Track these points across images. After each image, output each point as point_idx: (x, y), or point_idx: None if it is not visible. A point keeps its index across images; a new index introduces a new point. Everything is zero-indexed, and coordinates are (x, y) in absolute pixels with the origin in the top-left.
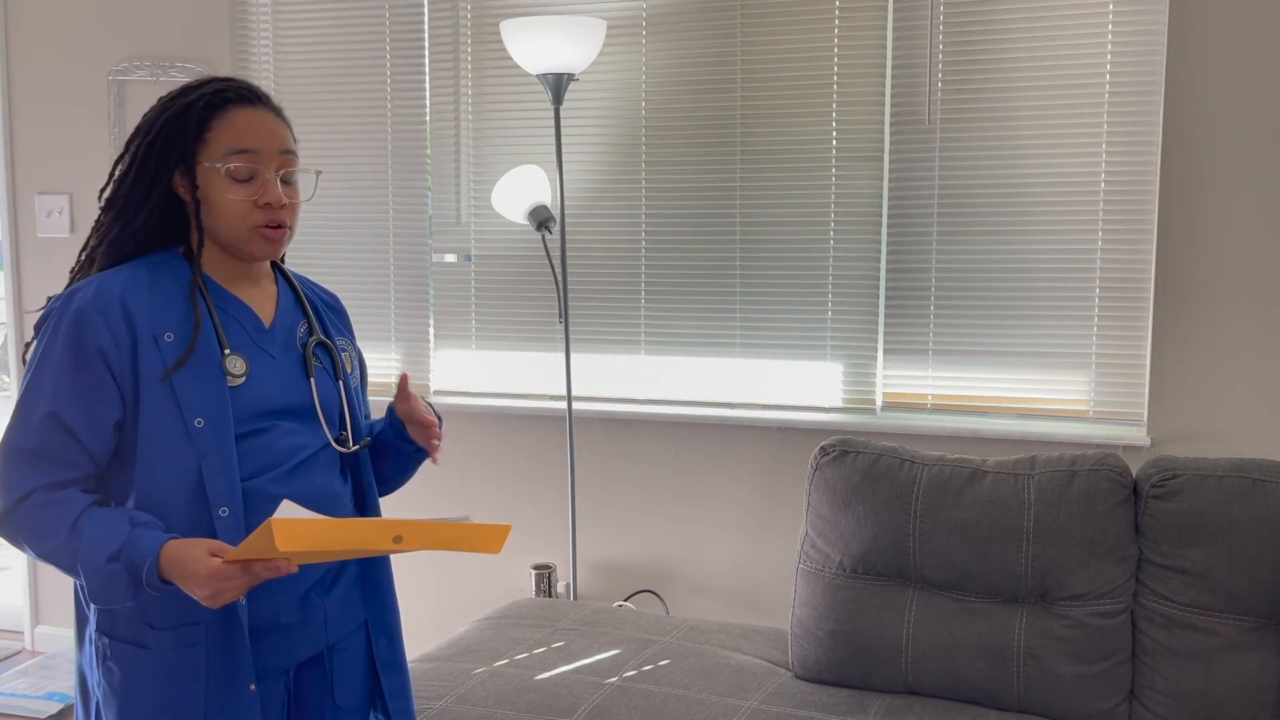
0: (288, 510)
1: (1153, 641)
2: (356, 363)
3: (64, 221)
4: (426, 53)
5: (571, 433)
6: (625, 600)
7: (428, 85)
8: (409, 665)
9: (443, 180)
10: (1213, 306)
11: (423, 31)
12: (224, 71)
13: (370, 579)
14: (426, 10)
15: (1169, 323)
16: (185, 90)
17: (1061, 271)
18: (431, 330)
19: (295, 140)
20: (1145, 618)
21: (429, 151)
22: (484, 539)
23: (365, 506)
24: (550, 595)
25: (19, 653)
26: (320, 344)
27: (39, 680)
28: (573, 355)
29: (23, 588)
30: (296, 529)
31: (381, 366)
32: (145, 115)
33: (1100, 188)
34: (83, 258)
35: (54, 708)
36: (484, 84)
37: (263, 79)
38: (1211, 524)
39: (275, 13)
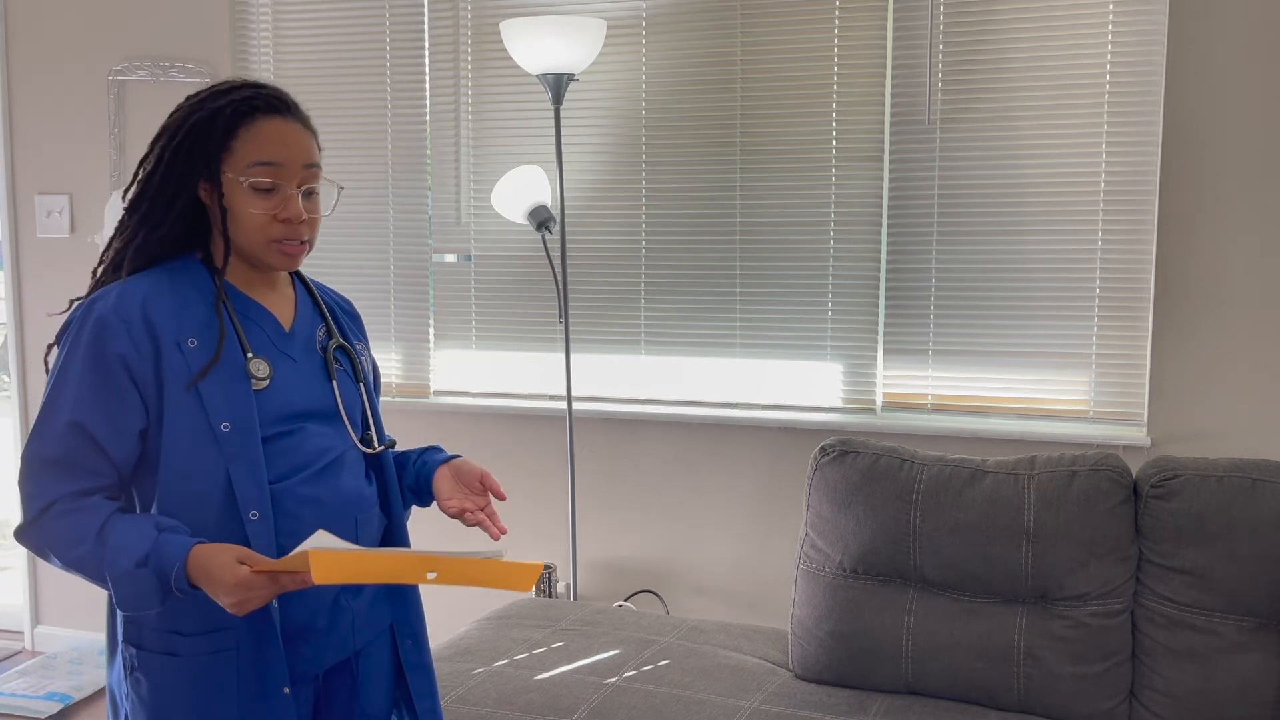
0: (323, 540)
1: (1153, 641)
2: (371, 369)
3: (64, 221)
4: (426, 53)
5: (571, 433)
6: (625, 600)
7: (428, 85)
8: None
9: (443, 180)
10: (1213, 306)
11: (423, 31)
12: (224, 72)
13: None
14: (426, 10)
15: (1169, 323)
16: (215, 94)
17: (1061, 271)
18: (431, 330)
19: (320, 150)
20: (1145, 618)
21: (429, 151)
22: (515, 577)
23: (389, 507)
24: (550, 595)
25: (19, 653)
26: (340, 347)
27: (39, 680)
28: (573, 355)
29: (23, 588)
30: (333, 561)
31: (382, 367)
32: (172, 115)
33: (1100, 188)
34: (107, 260)
35: (54, 708)
36: (484, 84)
37: (262, 79)
38: (1211, 524)
39: (275, 13)
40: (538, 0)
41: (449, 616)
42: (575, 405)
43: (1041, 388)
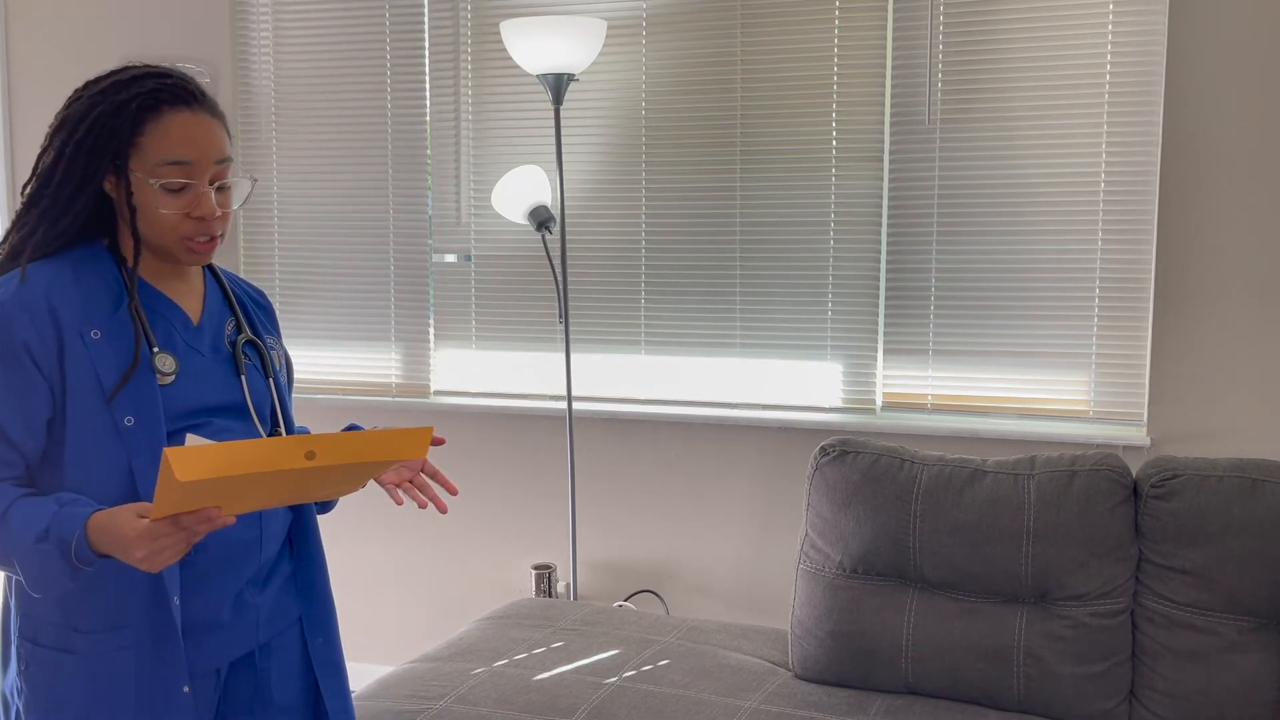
0: (192, 443)
1: (1153, 641)
2: (283, 362)
3: None
4: (426, 53)
5: (571, 433)
6: (625, 600)
7: (428, 85)
8: (408, 666)
9: (443, 180)
10: (1213, 306)
11: (423, 31)
12: (224, 72)
13: (304, 576)
14: (426, 10)
15: (1169, 323)
16: (117, 85)
17: (1061, 271)
18: (431, 330)
19: (231, 138)
20: (1145, 618)
21: (429, 151)
22: (405, 444)
23: (300, 506)
24: (550, 595)
25: None
26: (249, 342)
27: None
28: (573, 355)
29: None
30: (193, 456)
31: (381, 366)
32: (73, 106)
33: (1100, 188)
34: (3, 254)
35: None
36: (484, 84)
37: (263, 79)
38: (1211, 524)
39: (275, 13)
40: (538, 0)
41: (448, 616)
42: (575, 405)
43: (1041, 388)
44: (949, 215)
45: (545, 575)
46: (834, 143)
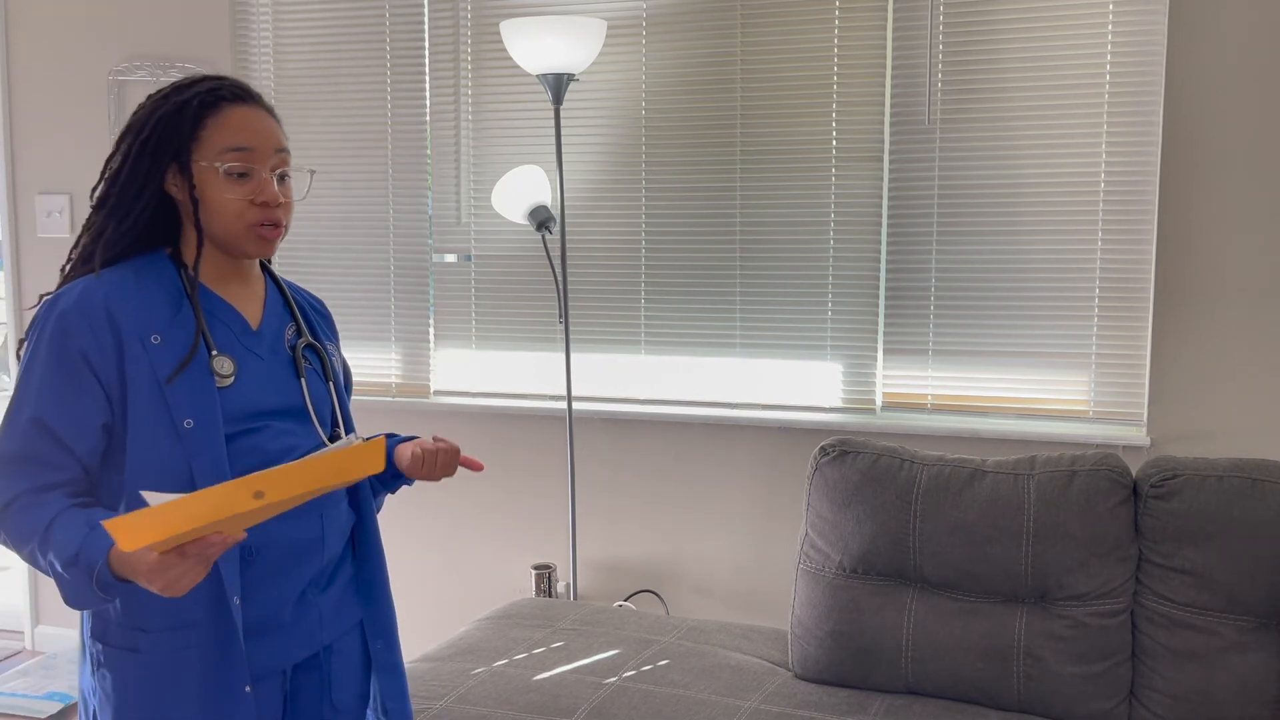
0: (151, 501)
1: (1153, 641)
2: (342, 368)
3: (64, 221)
4: (426, 53)
5: (571, 433)
6: (625, 600)
7: (428, 85)
8: (408, 665)
9: (443, 180)
10: (1212, 306)
11: (423, 31)
12: (225, 71)
13: (365, 579)
14: (426, 10)
15: (1169, 323)
16: (178, 88)
17: (1061, 271)
18: (431, 330)
19: (288, 139)
20: (1145, 618)
21: (429, 151)
22: (355, 463)
23: (359, 505)
24: (550, 595)
25: (19, 653)
26: (309, 346)
27: (39, 680)
28: (573, 355)
29: (23, 588)
30: (130, 525)
31: (381, 367)
32: (136, 113)
33: (1100, 188)
34: (75, 256)
35: (54, 708)
36: (484, 84)
37: (263, 79)
38: (1211, 524)
39: (275, 13)
40: (538, 0)
41: (448, 616)
42: (575, 405)
43: (1041, 388)
44: (949, 215)
45: (545, 575)
46: (834, 143)
